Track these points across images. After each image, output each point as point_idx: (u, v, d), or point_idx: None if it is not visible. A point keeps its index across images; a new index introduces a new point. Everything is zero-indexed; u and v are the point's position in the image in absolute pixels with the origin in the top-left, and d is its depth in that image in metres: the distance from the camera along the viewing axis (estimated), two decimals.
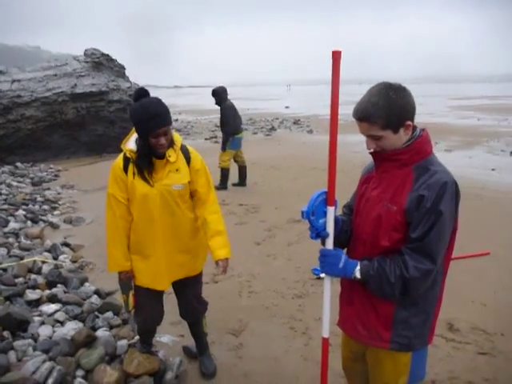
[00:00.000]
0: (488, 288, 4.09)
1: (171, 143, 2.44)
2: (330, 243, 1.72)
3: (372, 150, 1.69)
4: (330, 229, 1.71)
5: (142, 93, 2.36)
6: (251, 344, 3.28)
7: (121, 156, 2.47)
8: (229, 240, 2.64)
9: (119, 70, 13.99)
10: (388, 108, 1.56)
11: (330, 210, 1.69)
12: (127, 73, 14.62)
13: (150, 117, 2.26)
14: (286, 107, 34.07)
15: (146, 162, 2.38)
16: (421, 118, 20.36)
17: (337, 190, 1.71)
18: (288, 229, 5.82)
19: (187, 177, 2.49)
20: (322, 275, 4.27)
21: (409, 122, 1.60)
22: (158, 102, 2.34)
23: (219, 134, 17.99)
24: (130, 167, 2.41)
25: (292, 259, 4.83)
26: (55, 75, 12.15)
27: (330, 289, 1.78)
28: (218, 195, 2.75)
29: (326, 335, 1.82)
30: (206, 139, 16.23)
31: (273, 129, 18.96)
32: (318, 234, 1.73)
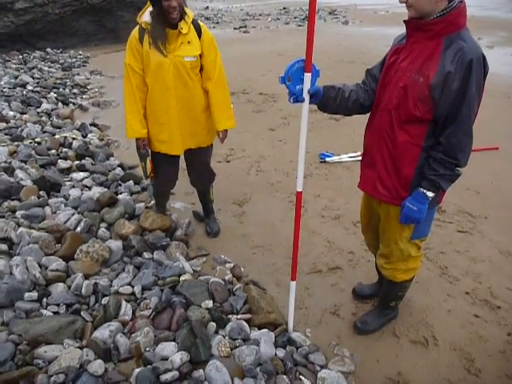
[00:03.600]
0: (486, 178, 4.26)
1: (183, 15, 2.55)
2: (305, 108, 1.93)
3: (407, 12, 1.73)
4: (306, 95, 1.90)
5: None
6: (252, 212, 3.70)
7: (136, 28, 2.61)
8: (233, 112, 2.86)
9: None
10: None
11: (307, 76, 1.86)
12: None
13: None
14: None
15: (160, 31, 2.51)
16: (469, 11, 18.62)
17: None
18: None
19: (198, 49, 2.62)
20: (328, 159, 4.52)
21: None
22: None
23: (249, 23, 17.36)
24: (146, 38, 2.55)
25: None
26: None
27: (304, 150, 2.03)
28: (238, 86, 2.87)
29: (299, 189, 2.10)
30: (235, 29, 15.71)
31: (306, 19, 17.96)
32: (296, 98, 1.92)
